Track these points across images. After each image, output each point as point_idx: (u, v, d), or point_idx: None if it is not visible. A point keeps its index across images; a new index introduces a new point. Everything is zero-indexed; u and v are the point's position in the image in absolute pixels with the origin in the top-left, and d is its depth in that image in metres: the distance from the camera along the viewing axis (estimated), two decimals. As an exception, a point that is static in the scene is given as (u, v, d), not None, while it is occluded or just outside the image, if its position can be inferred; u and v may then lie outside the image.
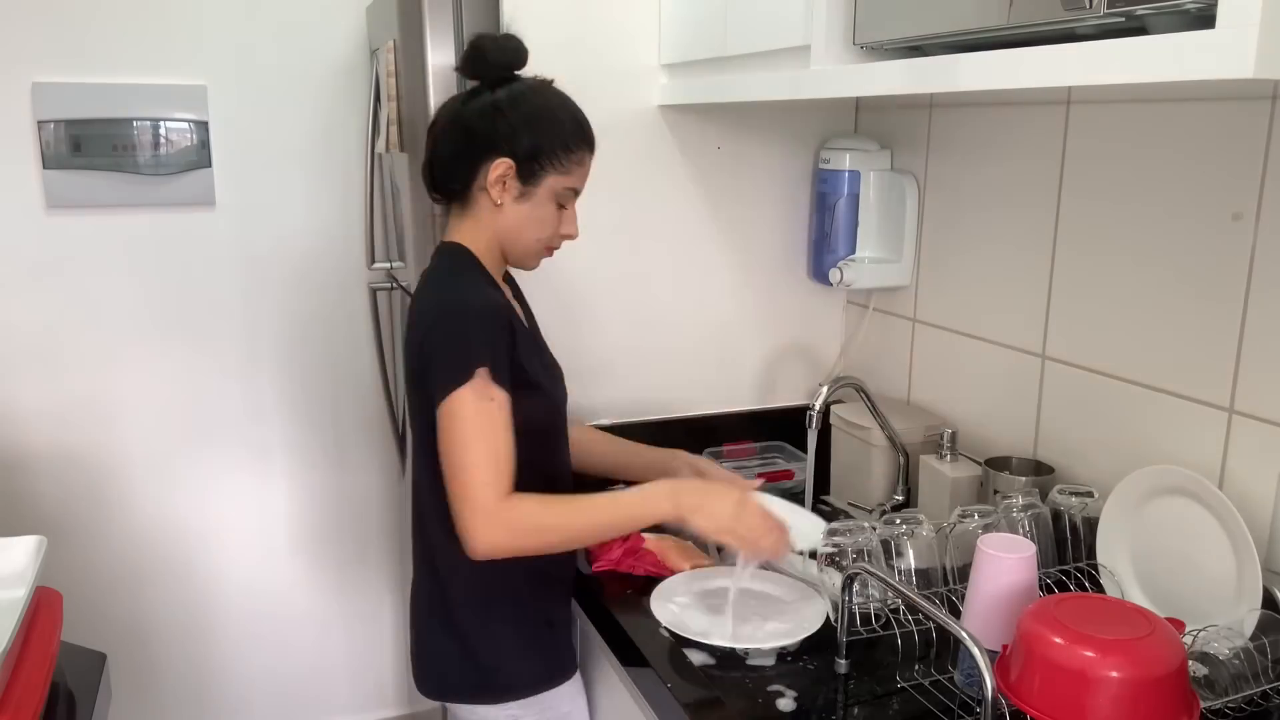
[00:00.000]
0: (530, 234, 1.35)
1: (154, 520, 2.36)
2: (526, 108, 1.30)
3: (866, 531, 1.30)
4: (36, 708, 1.09)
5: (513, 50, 1.34)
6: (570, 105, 1.35)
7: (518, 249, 1.37)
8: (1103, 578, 1.28)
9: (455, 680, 1.38)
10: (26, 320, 2.17)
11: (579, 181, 1.36)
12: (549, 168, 1.31)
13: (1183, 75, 0.81)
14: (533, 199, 1.32)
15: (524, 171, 1.30)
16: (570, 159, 1.32)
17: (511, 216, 1.33)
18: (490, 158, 1.29)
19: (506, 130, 1.29)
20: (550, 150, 1.30)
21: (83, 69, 2.10)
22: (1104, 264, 1.43)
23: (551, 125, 1.31)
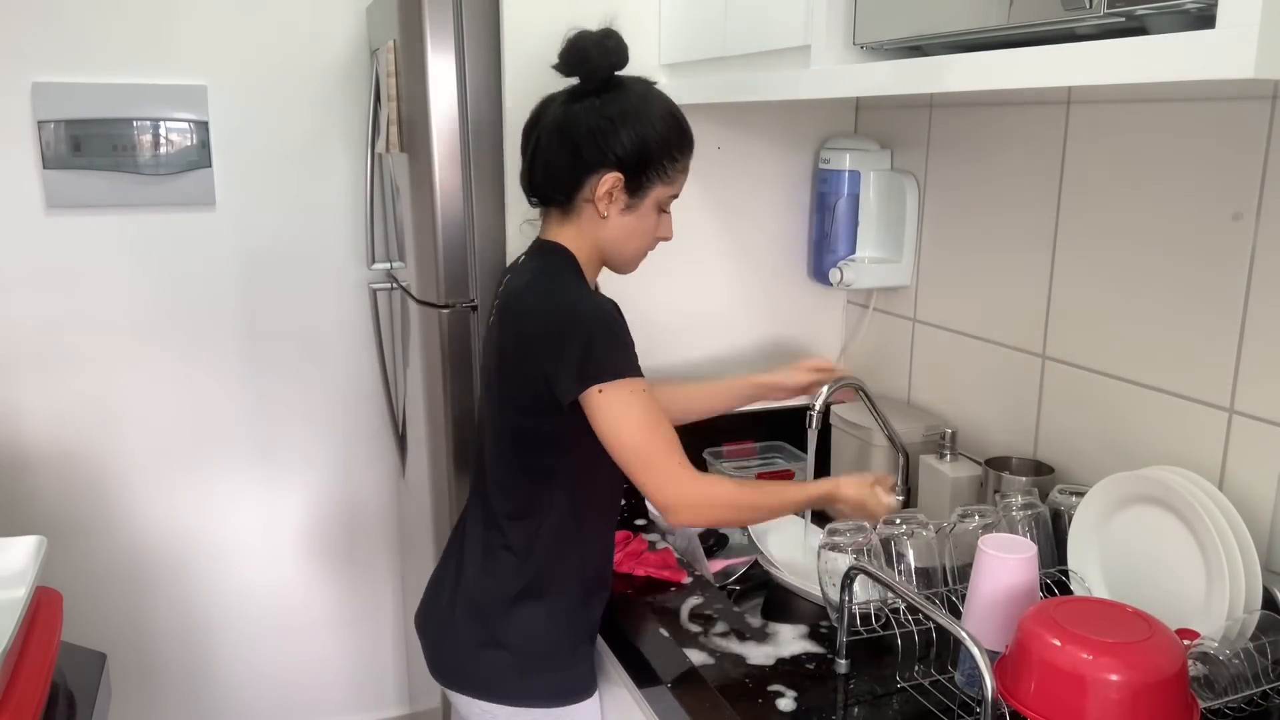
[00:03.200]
0: (632, 244, 1.35)
1: (154, 520, 2.36)
2: (634, 119, 1.28)
3: (866, 531, 1.30)
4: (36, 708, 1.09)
5: (615, 49, 1.30)
6: (674, 109, 1.33)
7: (620, 258, 1.37)
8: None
9: (481, 672, 1.36)
10: (26, 320, 2.17)
11: (681, 187, 1.36)
12: (656, 179, 1.31)
13: (1183, 75, 0.81)
14: (638, 210, 1.32)
15: (631, 185, 1.29)
16: (675, 167, 1.32)
17: (616, 228, 1.32)
18: (599, 171, 1.28)
19: (615, 143, 1.27)
20: (657, 161, 1.29)
21: (83, 69, 2.10)
22: (1104, 264, 1.43)
23: (659, 135, 1.29)
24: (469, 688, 1.37)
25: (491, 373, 1.36)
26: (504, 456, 1.34)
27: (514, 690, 1.35)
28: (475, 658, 1.36)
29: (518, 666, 1.34)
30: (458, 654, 1.38)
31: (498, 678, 1.35)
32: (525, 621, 1.34)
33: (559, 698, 1.36)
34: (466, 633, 1.37)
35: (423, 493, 2.04)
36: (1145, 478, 1.21)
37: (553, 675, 1.36)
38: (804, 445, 1.88)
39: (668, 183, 1.32)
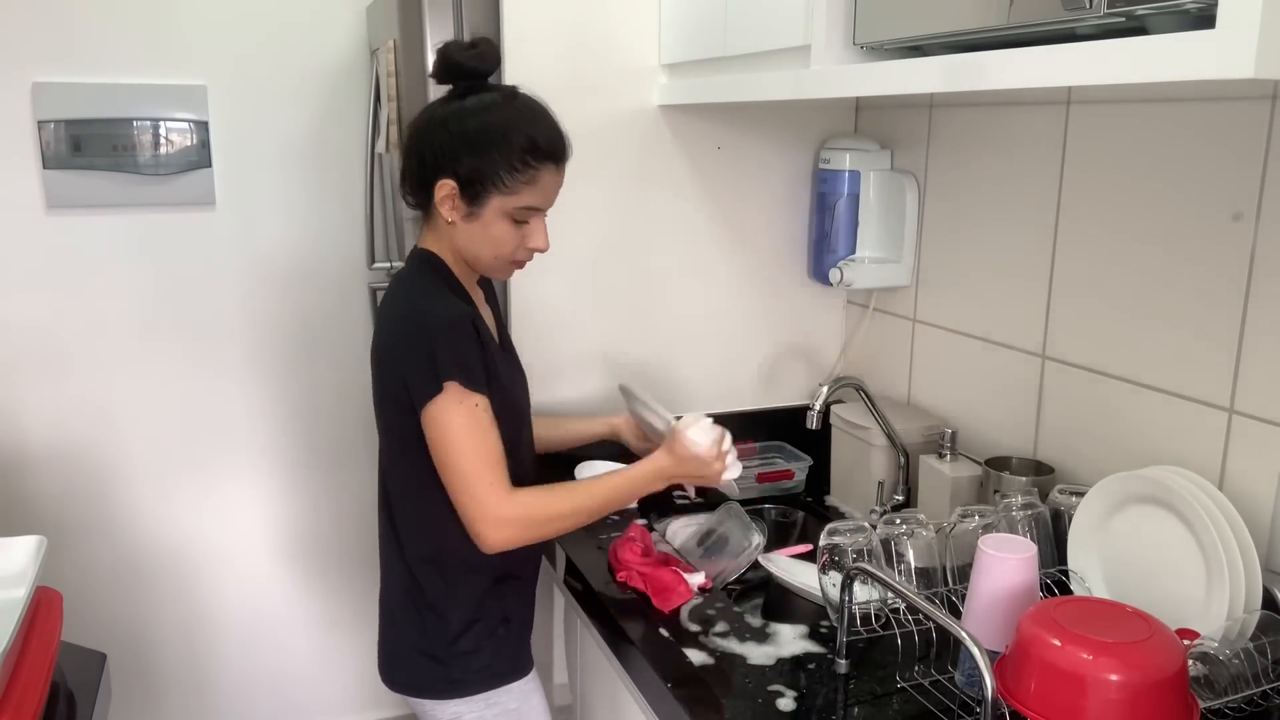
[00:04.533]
0: (486, 251, 1.33)
1: (154, 520, 2.36)
2: (472, 125, 1.27)
3: (866, 531, 1.30)
4: (36, 708, 1.09)
5: (478, 56, 1.30)
6: (526, 119, 1.29)
7: (479, 264, 1.37)
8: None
9: (409, 675, 1.42)
10: (26, 320, 2.17)
11: (536, 199, 1.31)
12: (492, 189, 1.28)
13: (1183, 75, 0.81)
14: (480, 219, 1.30)
15: (466, 193, 1.29)
16: (516, 178, 1.28)
17: (463, 235, 1.33)
18: (436, 177, 1.29)
19: (449, 150, 1.28)
20: (491, 171, 1.27)
21: (83, 69, 2.10)
22: (1104, 264, 1.43)
23: (495, 144, 1.26)
24: (409, 690, 1.43)
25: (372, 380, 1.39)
26: (395, 461, 1.37)
27: (442, 686, 1.39)
28: (407, 662, 1.42)
29: (440, 663, 1.38)
30: (395, 659, 1.44)
31: (426, 677, 1.40)
32: (441, 619, 1.38)
33: (485, 684, 1.40)
34: (396, 638, 1.43)
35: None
36: (1145, 478, 1.21)
37: (475, 664, 1.39)
38: (804, 445, 1.89)
39: (508, 194, 1.28)
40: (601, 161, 1.78)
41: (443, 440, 1.26)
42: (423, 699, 1.41)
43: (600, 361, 1.87)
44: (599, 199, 1.80)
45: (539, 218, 1.34)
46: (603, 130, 1.78)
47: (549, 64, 1.72)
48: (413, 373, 1.27)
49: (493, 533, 1.26)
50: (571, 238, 1.74)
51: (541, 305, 1.81)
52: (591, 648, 1.56)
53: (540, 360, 1.79)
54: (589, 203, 1.78)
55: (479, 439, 1.26)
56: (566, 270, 1.79)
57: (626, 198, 1.82)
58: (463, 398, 1.25)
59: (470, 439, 1.25)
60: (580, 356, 1.86)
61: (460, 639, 1.38)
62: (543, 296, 1.80)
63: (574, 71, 1.74)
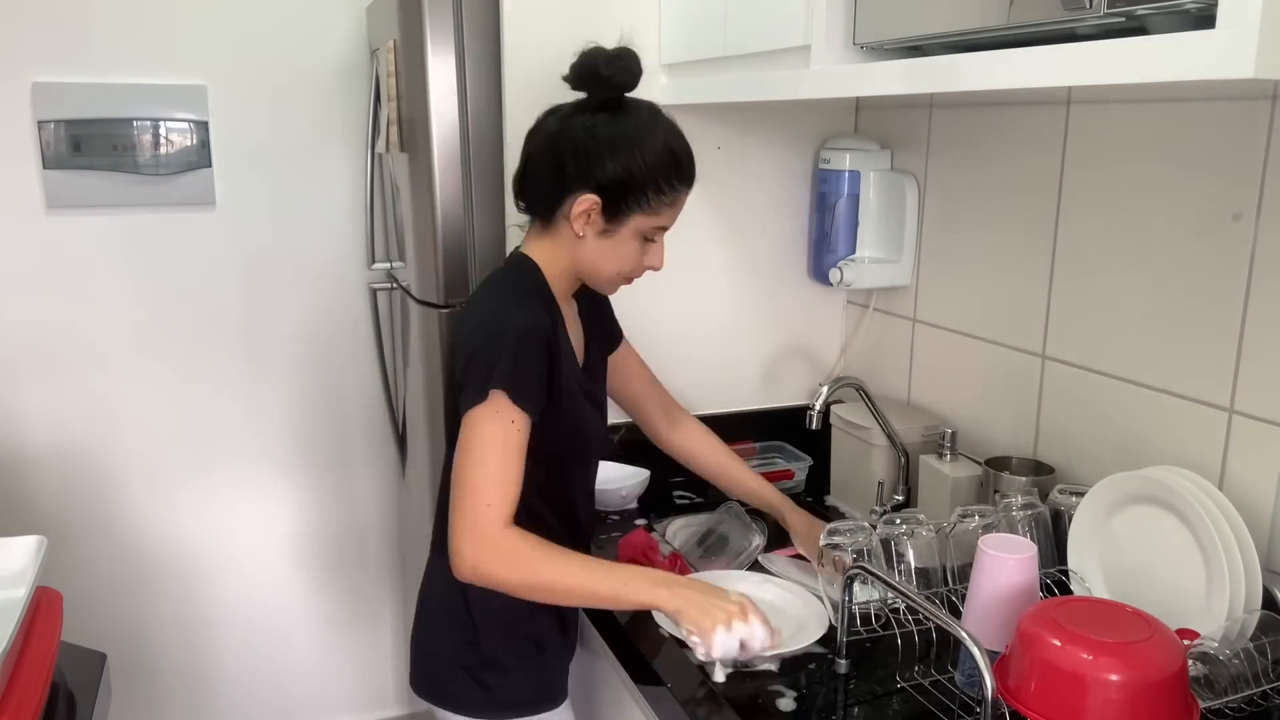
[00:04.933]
0: (609, 268, 1.31)
1: (154, 520, 2.36)
2: (624, 143, 1.24)
3: (866, 531, 1.30)
4: (36, 708, 1.09)
5: (625, 70, 1.26)
6: (672, 143, 1.28)
7: (596, 279, 1.34)
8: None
9: (441, 685, 1.39)
10: (26, 320, 2.17)
11: (669, 220, 1.31)
12: (636, 208, 1.26)
13: (1183, 75, 0.81)
14: (615, 236, 1.28)
15: (609, 210, 1.26)
16: (660, 200, 1.27)
17: (592, 250, 1.29)
18: (577, 190, 1.25)
19: (598, 166, 1.24)
20: (640, 191, 1.25)
21: (83, 69, 2.10)
22: (1104, 264, 1.43)
23: (646, 164, 1.24)
24: (439, 700, 1.39)
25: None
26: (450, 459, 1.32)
27: (470, 703, 1.36)
28: (441, 673, 1.39)
29: (473, 680, 1.35)
30: (427, 669, 1.41)
31: (459, 692, 1.37)
32: (485, 636, 1.34)
33: (519, 710, 1.37)
34: (434, 645, 1.40)
35: (423, 493, 2.04)
36: (1145, 478, 1.21)
37: (510, 688, 1.36)
38: (804, 445, 1.89)
39: (650, 214, 1.27)
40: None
41: (466, 447, 1.19)
42: (448, 711, 1.38)
43: (600, 361, 1.87)
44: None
45: (661, 237, 1.33)
46: (603, 130, 1.77)
47: (549, 64, 1.72)
48: (467, 374, 1.22)
49: (469, 556, 1.16)
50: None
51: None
52: (591, 647, 1.56)
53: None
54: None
55: (502, 458, 1.18)
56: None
57: (626, 198, 1.82)
58: (503, 411, 1.18)
59: (494, 455, 1.17)
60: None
61: (495, 659, 1.35)
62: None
63: (574, 71, 1.74)
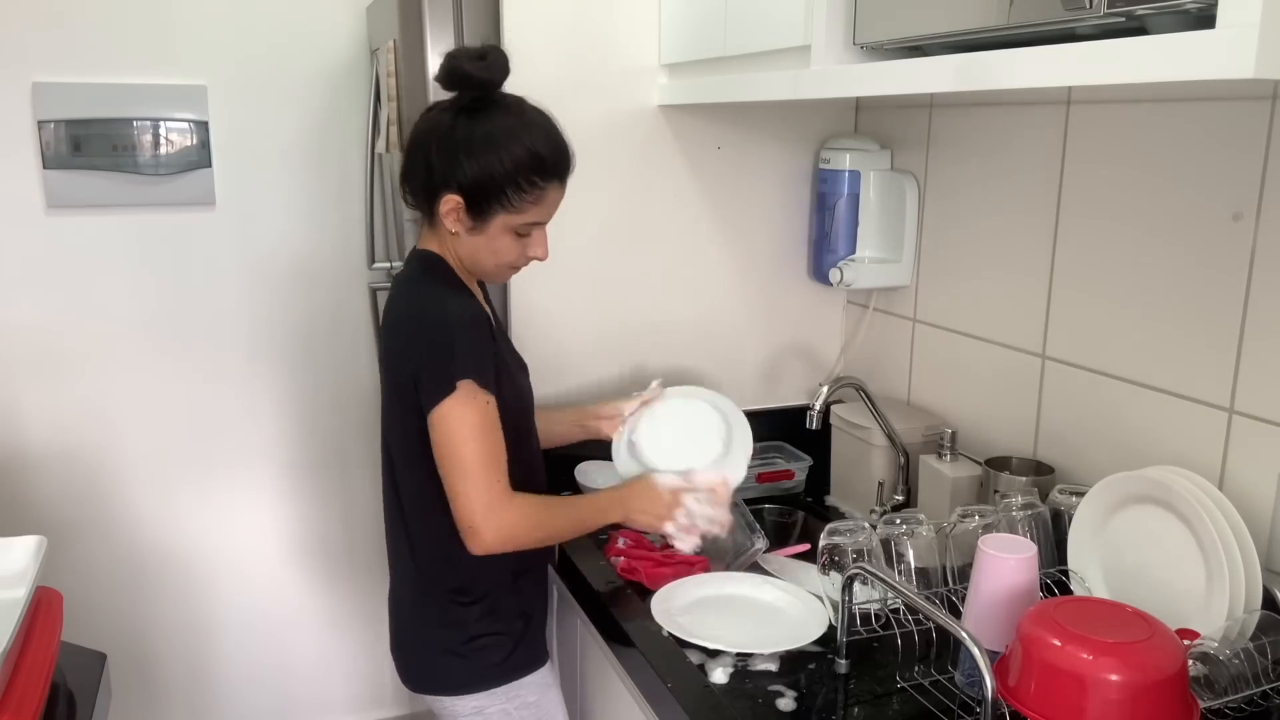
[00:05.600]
0: (487, 261, 1.35)
1: (154, 520, 2.36)
2: (481, 145, 1.26)
3: (866, 531, 1.30)
4: (36, 708, 1.09)
5: (487, 67, 1.28)
6: (534, 137, 1.29)
7: (480, 271, 1.39)
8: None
9: (430, 673, 1.42)
10: (26, 320, 2.17)
11: (539, 215, 1.33)
12: (498, 207, 1.29)
13: (1183, 75, 0.81)
14: (485, 232, 1.32)
15: (472, 209, 1.29)
16: (523, 198, 1.29)
17: (467, 245, 1.34)
18: (443, 191, 1.29)
19: (456, 167, 1.27)
20: (499, 190, 1.28)
21: (83, 69, 2.10)
22: (1104, 264, 1.43)
23: (503, 165, 1.26)
24: (426, 688, 1.43)
25: (382, 382, 1.39)
26: (409, 460, 1.36)
27: (462, 680, 1.39)
28: (423, 659, 1.42)
29: (456, 660, 1.39)
30: (411, 657, 1.45)
31: (446, 673, 1.40)
32: (457, 616, 1.38)
33: (504, 677, 1.40)
34: (410, 636, 1.44)
35: (423, 493, 2.04)
36: (1145, 478, 1.21)
37: (495, 658, 1.40)
38: (804, 445, 1.89)
39: (514, 212, 1.29)
40: (601, 161, 1.78)
41: (451, 437, 1.26)
42: (443, 696, 1.41)
43: (600, 361, 1.87)
44: (599, 199, 1.80)
45: (541, 229, 1.36)
46: (603, 130, 1.78)
47: (549, 64, 1.72)
48: (425, 371, 1.26)
49: (490, 533, 1.26)
50: (572, 238, 1.74)
51: (542, 305, 1.81)
52: (591, 646, 1.56)
53: (539, 360, 1.78)
54: (589, 203, 1.78)
55: (489, 437, 1.27)
56: (566, 270, 1.79)
57: (626, 197, 1.82)
58: (475, 395, 1.26)
59: (481, 436, 1.26)
60: (580, 356, 1.86)
61: (480, 634, 1.38)
62: (543, 296, 1.80)
63: (574, 72, 1.74)
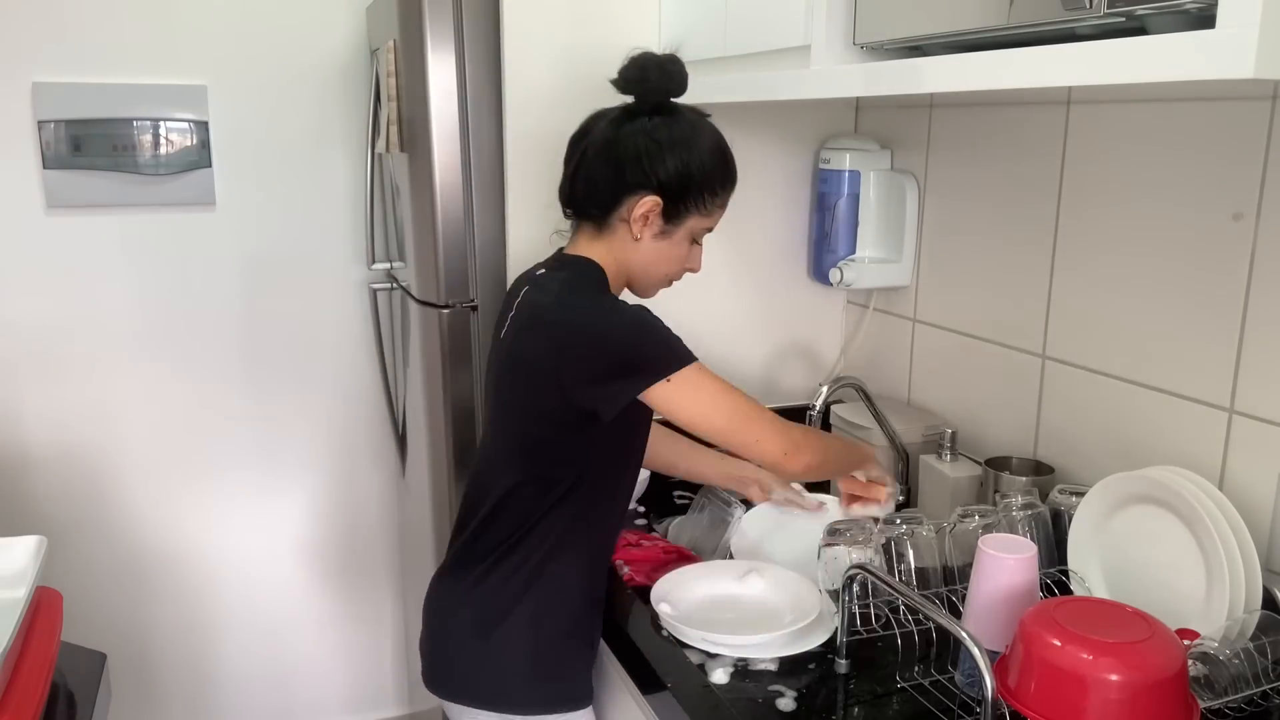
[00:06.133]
0: (661, 269, 1.35)
1: (154, 520, 2.36)
2: (683, 148, 1.28)
3: (866, 531, 1.30)
4: (36, 708, 1.09)
5: (676, 76, 1.30)
6: (722, 144, 1.33)
7: (645, 281, 1.37)
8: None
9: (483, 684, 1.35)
10: (26, 320, 2.17)
11: (716, 222, 1.36)
12: (694, 208, 1.31)
13: (1183, 75, 0.81)
14: (671, 238, 1.32)
15: (669, 211, 1.29)
16: (714, 201, 1.32)
17: (647, 252, 1.32)
18: (639, 193, 1.28)
19: (660, 168, 1.27)
20: (698, 192, 1.30)
21: (83, 69, 2.10)
22: (1104, 264, 1.43)
23: (704, 167, 1.29)
24: (472, 699, 1.36)
25: (504, 384, 1.33)
26: (513, 468, 1.32)
27: (516, 700, 1.34)
28: (477, 669, 1.35)
29: (520, 677, 1.33)
30: (457, 666, 1.37)
31: (500, 688, 1.34)
32: (529, 633, 1.33)
33: (556, 706, 1.35)
34: (468, 644, 1.35)
35: (423, 493, 2.04)
36: (1145, 478, 1.21)
37: (553, 686, 1.35)
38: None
39: (704, 215, 1.32)
40: (601, 161, 1.78)
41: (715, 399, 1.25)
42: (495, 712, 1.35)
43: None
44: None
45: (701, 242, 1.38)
46: (603, 130, 1.77)
47: (548, 64, 1.72)
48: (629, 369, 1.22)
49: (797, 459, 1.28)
50: (571, 238, 1.73)
51: (541, 305, 1.80)
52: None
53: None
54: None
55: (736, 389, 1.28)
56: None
57: (626, 198, 1.82)
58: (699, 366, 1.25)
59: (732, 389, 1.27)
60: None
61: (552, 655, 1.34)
62: (543, 296, 1.80)
63: (574, 71, 1.74)
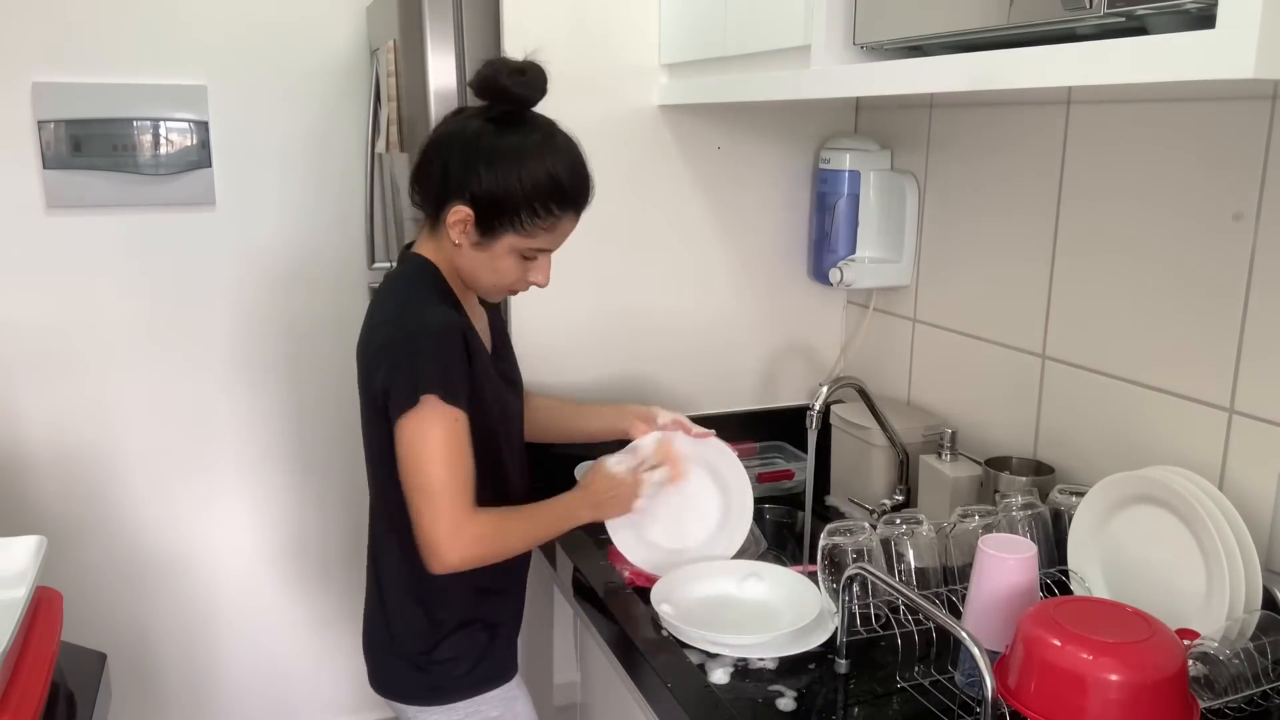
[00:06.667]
0: (485, 279, 1.32)
1: (154, 520, 2.36)
2: (504, 159, 1.23)
3: (866, 531, 1.30)
4: (36, 708, 1.09)
5: (527, 84, 1.25)
6: (559, 164, 1.26)
7: (476, 286, 1.35)
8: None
9: (392, 681, 1.41)
10: (26, 320, 2.17)
11: (548, 243, 1.30)
12: (509, 227, 1.26)
13: (1183, 75, 0.81)
14: (489, 251, 1.28)
15: (481, 224, 1.26)
16: (535, 223, 1.26)
17: (468, 259, 1.30)
18: (454, 199, 1.25)
19: (473, 177, 1.23)
20: (513, 211, 1.24)
21: (83, 69, 2.10)
22: (1104, 264, 1.43)
23: (523, 185, 1.23)
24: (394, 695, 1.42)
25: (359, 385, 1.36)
26: (376, 467, 1.35)
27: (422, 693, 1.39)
28: (390, 667, 1.41)
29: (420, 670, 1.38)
30: (376, 665, 1.44)
31: (407, 683, 1.39)
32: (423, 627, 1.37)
33: (466, 691, 1.39)
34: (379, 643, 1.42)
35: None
36: (1145, 478, 1.21)
37: (456, 672, 1.38)
38: (804, 445, 1.88)
39: (524, 235, 1.26)
40: (601, 161, 1.77)
41: (415, 453, 1.22)
42: (405, 705, 1.41)
43: (599, 360, 1.87)
44: (599, 199, 1.79)
45: (547, 255, 1.33)
46: (603, 130, 1.77)
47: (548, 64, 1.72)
48: (393, 381, 1.23)
49: (453, 554, 1.22)
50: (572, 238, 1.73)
51: (541, 305, 1.80)
52: (590, 646, 1.56)
53: (538, 359, 1.79)
54: (589, 202, 1.78)
55: (455, 455, 1.22)
56: (565, 271, 1.78)
57: (626, 198, 1.82)
58: (442, 411, 1.21)
59: (445, 454, 1.22)
60: (579, 355, 1.86)
61: (440, 646, 1.37)
62: (542, 296, 1.80)
63: (574, 71, 1.74)
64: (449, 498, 1.22)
